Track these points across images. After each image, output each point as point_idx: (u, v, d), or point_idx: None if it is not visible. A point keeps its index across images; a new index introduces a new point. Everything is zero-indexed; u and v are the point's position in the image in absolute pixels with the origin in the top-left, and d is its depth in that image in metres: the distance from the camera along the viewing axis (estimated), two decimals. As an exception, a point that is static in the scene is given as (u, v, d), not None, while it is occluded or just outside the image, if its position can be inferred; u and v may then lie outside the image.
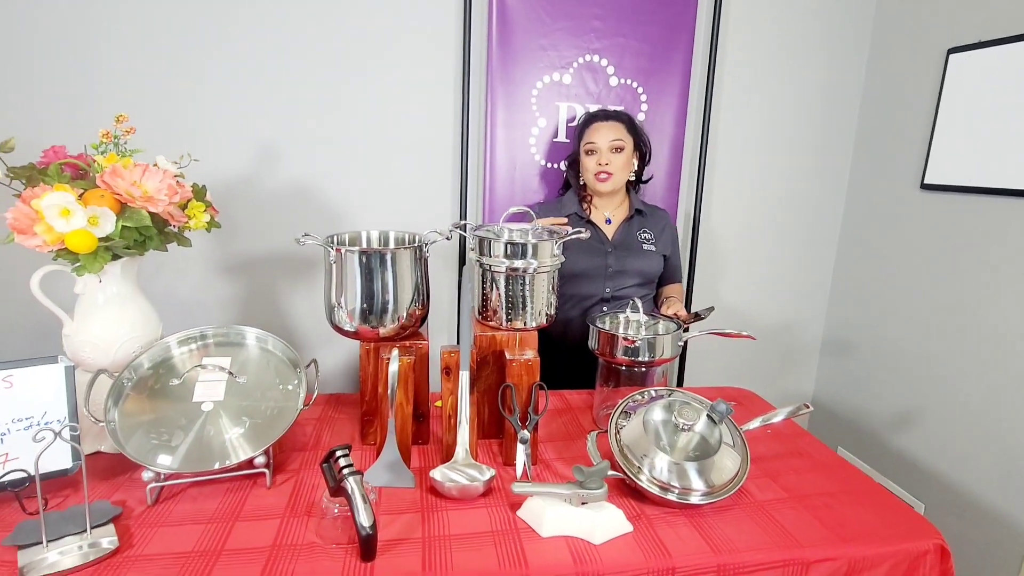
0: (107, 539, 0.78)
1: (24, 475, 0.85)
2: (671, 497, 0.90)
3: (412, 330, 1.08)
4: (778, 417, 1.05)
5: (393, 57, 1.60)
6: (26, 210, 0.89)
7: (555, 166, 1.70)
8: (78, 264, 0.94)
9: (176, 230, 1.04)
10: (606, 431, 1.00)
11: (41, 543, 0.76)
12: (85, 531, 0.78)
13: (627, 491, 0.95)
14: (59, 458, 0.87)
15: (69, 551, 0.75)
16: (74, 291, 1.00)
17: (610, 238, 1.46)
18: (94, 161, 0.96)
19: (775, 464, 1.07)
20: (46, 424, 0.88)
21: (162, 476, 0.88)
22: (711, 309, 1.32)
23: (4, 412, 0.87)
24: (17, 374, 0.88)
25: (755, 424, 1.05)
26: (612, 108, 1.55)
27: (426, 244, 1.08)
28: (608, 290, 1.44)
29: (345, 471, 0.80)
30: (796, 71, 1.83)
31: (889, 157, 1.80)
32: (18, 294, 0.98)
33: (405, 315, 1.04)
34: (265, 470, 0.93)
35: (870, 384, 1.87)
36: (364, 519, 0.76)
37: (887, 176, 1.81)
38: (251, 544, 0.79)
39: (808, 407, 1.05)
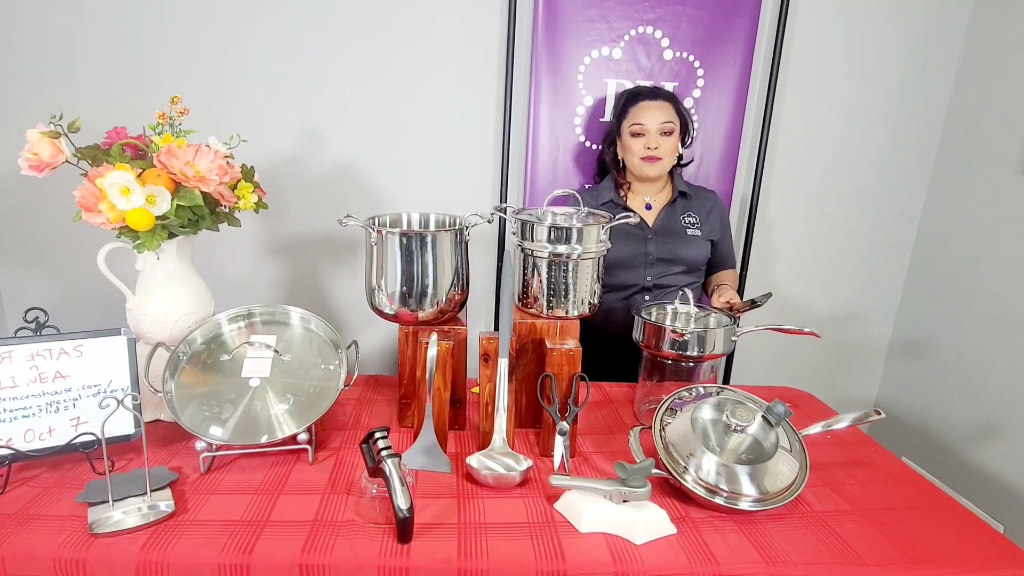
0: (165, 503, 0.83)
1: (93, 438, 0.91)
2: (718, 501, 0.86)
3: (451, 315, 1.07)
4: (842, 423, 0.98)
5: (435, 36, 1.57)
6: (91, 188, 0.94)
7: (600, 147, 1.62)
8: (138, 242, 0.99)
9: (227, 210, 1.07)
10: (649, 427, 0.96)
11: (108, 502, 0.81)
12: (145, 493, 0.83)
13: (670, 491, 0.91)
14: (123, 424, 0.93)
15: (131, 511, 0.81)
16: (135, 267, 1.05)
17: (651, 224, 1.39)
18: (151, 142, 1.00)
19: (835, 473, 1.00)
20: (111, 392, 0.94)
21: (214, 447, 0.93)
22: (768, 295, 1.23)
23: (76, 379, 0.93)
24: (87, 344, 0.94)
25: (816, 429, 0.97)
26: (657, 86, 1.45)
27: (467, 227, 1.06)
28: (649, 279, 1.38)
29: (384, 453, 0.81)
30: (882, 37, 1.63)
31: (988, 135, 1.59)
32: (89, 271, 1.04)
33: (444, 299, 1.03)
34: (307, 447, 0.95)
35: (945, 390, 1.71)
36: (401, 502, 0.77)
37: (983, 158, 1.60)
38: (294, 517, 0.82)
39: (879, 413, 0.97)
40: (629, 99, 1.39)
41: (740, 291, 1.76)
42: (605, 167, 1.48)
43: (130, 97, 1.53)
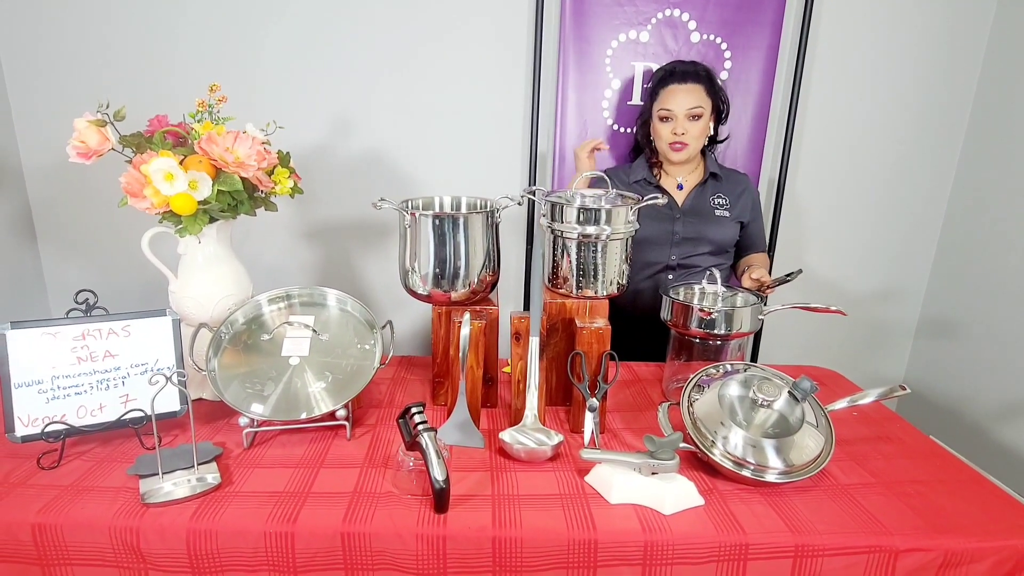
0: (211, 475, 0.86)
1: (141, 414, 0.95)
2: (745, 473, 0.87)
3: (483, 295, 1.09)
4: (868, 398, 0.98)
5: (464, 22, 1.58)
6: (136, 175, 0.97)
7: (628, 130, 1.62)
8: (181, 226, 1.02)
9: (264, 195, 1.10)
10: (677, 404, 0.97)
11: (157, 474, 0.85)
12: (193, 467, 0.87)
13: (699, 465, 0.92)
14: (169, 401, 0.97)
15: (181, 483, 0.84)
16: (177, 251, 1.08)
17: (680, 204, 1.39)
18: (192, 129, 1.03)
19: (862, 448, 1.00)
20: (158, 370, 0.98)
21: (255, 423, 0.96)
22: (799, 271, 1.21)
23: (124, 358, 0.97)
24: (134, 324, 0.98)
25: (842, 405, 0.98)
26: (690, 62, 1.42)
27: (498, 209, 1.07)
28: (674, 258, 1.37)
29: (420, 427, 0.82)
30: (911, 17, 1.60)
31: (1017, 115, 1.55)
32: (129, 256, 1.08)
33: (476, 280, 1.05)
34: (345, 423, 0.98)
35: (972, 370, 1.68)
36: (438, 473, 0.79)
37: (1012, 137, 1.56)
38: (335, 489, 0.85)
39: (904, 389, 0.96)
40: (662, 80, 1.37)
41: (769, 273, 1.75)
42: (640, 146, 1.47)
43: (161, 86, 1.56)
